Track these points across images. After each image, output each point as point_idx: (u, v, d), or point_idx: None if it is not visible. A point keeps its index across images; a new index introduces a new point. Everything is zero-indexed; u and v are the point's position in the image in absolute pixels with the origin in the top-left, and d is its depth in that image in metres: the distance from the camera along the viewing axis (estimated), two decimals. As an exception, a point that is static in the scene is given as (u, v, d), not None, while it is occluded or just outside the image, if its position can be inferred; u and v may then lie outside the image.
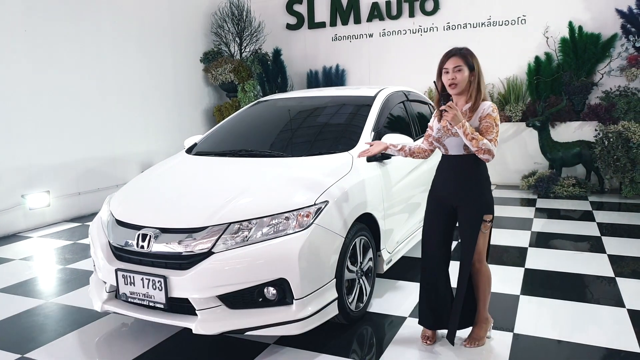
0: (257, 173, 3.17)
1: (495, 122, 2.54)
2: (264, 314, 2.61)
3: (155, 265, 2.71)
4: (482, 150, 2.48)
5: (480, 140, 2.46)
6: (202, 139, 4.08)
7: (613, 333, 2.92)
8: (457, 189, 2.65)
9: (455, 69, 2.55)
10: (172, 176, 3.41)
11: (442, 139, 2.66)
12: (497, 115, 2.56)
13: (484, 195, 2.64)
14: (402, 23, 8.41)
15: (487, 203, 2.64)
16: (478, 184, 2.63)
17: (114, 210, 3.07)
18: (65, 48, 6.27)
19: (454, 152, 2.64)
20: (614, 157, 6.33)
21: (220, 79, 8.51)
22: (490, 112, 2.55)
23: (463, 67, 2.54)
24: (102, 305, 2.88)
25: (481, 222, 2.62)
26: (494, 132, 2.52)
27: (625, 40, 6.89)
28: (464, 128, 2.47)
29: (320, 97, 4.32)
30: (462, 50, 2.59)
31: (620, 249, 4.45)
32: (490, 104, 2.57)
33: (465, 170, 2.62)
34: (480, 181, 2.64)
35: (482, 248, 2.70)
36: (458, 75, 2.54)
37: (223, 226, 2.64)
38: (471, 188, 2.62)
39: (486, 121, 2.54)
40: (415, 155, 2.89)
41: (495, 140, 2.52)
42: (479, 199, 2.62)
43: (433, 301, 2.80)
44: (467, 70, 2.55)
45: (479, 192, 2.63)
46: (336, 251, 2.82)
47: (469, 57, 2.57)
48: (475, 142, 2.47)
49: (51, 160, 6.12)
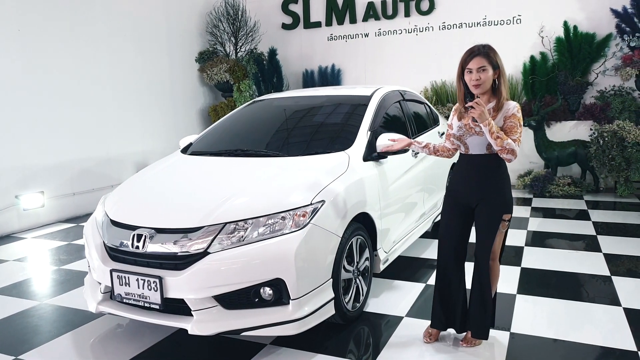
0: (253, 173, 3.16)
1: (520, 123, 2.52)
2: (260, 315, 2.60)
3: (151, 265, 2.69)
4: (505, 150, 2.45)
5: (505, 139, 2.43)
6: (197, 139, 4.06)
7: (609, 332, 2.92)
8: (478, 189, 2.61)
9: (480, 69, 2.50)
10: (168, 176, 3.39)
11: (464, 137, 2.62)
12: (521, 115, 2.54)
13: (505, 194, 2.61)
14: (397, 23, 8.40)
15: (507, 202, 2.62)
16: (499, 183, 2.60)
17: (108, 210, 3.04)
18: (59, 47, 6.22)
19: (475, 152, 2.61)
20: (609, 156, 6.35)
21: (215, 79, 8.48)
22: (515, 112, 2.52)
23: (487, 67, 2.50)
24: (97, 306, 2.86)
25: (500, 221, 2.60)
26: (518, 132, 2.50)
27: (620, 40, 6.91)
28: (490, 126, 2.43)
29: (316, 97, 4.30)
30: (485, 49, 2.53)
31: (615, 247, 4.46)
32: (515, 104, 2.54)
33: (488, 170, 2.59)
34: (502, 180, 2.61)
35: (497, 247, 2.68)
36: (482, 76, 2.50)
37: (219, 226, 2.63)
38: (493, 187, 2.60)
39: (511, 121, 2.51)
40: (439, 154, 2.84)
41: (519, 140, 2.49)
42: (500, 198, 2.60)
43: (446, 302, 2.78)
44: (492, 70, 2.51)
45: (500, 192, 2.60)
46: (333, 251, 2.81)
47: (493, 55, 2.53)
48: (500, 141, 2.43)
49: (45, 160, 6.08)
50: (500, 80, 2.54)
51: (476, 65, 2.50)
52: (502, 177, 2.61)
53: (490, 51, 2.53)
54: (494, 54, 2.54)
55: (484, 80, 2.51)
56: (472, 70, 2.52)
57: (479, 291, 2.68)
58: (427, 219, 4.50)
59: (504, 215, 2.61)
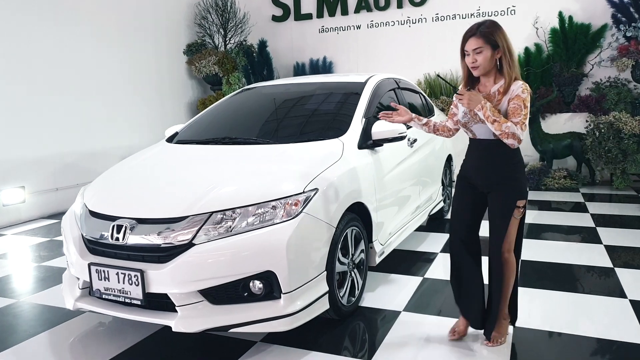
0: (242, 160, 2.98)
1: (525, 104, 2.29)
2: (249, 310, 2.42)
3: (132, 258, 2.51)
4: (505, 134, 2.26)
5: (504, 122, 2.25)
6: (183, 128, 3.88)
7: (617, 324, 2.79)
8: (490, 174, 2.44)
9: (476, 51, 2.31)
10: (151, 165, 3.21)
11: (469, 125, 2.45)
12: (527, 96, 2.30)
13: (518, 179, 2.42)
14: (390, 14, 8.26)
15: (520, 188, 2.43)
16: (512, 168, 2.42)
17: (87, 201, 2.86)
18: (40, 38, 5.99)
19: (483, 137, 2.44)
20: (605, 148, 6.26)
21: (204, 72, 8.28)
22: (519, 93, 2.29)
23: (484, 48, 2.30)
24: (75, 303, 2.67)
25: (514, 207, 2.41)
26: (522, 114, 2.27)
27: (615, 30, 6.81)
28: (484, 109, 2.27)
29: (308, 84, 4.14)
30: (481, 28, 2.31)
31: (615, 239, 4.34)
32: (521, 83, 2.31)
33: (498, 155, 2.40)
34: (515, 165, 2.43)
35: (512, 237, 2.47)
36: (479, 58, 2.31)
37: (205, 216, 2.45)
38: (504, 173, 2.42)
39: (514, 102, 2.29)
40: (438, 133, 2.68)
41: (522, 123, 2.26)
42: (513, 183, 2.41)
43: (462, 289, 2.62)
44: (490, 50, 2.30)
45: (513, 177, 2.42)
46: (327, 242, 2.65)
47: (491, 34, 2.30)
48: (498, 125, 2.26)
49: (26, 154, 5.85)
50: (504, 59, 2.32)
51: (471, 47, 2.32)
52: (514, 161, 2.43)
53: (488, 29, 2.30)
54: (494, 32, 2.30)
55: (481, 63, 2.32)
56: (468, 52, 2.34)
57: (496, 286, 2.51)
58: (423, 212, 4.36)
59: (518, 202, 2.41)
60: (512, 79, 2.33)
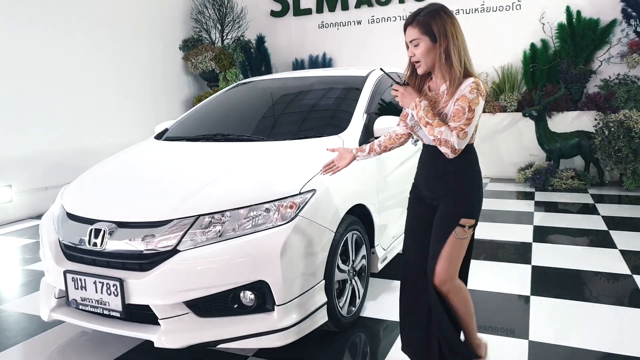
0: (233, 159, 2.76)
1: (470, 106, 1.87)
2: (239, 323, 2.20)
3: (111, 266, 2.29)
4: (438, 140, 1.91)
5: (437, 126, 1.90)
6: (174, 124, 3.65)
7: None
8: (435, 186, 2.08)
9: (413, 43, 1.97)
10: (136, 163, 2.98)
11: (416, 129, 2.11)
12: (475, 96, 1.87)
13: (469, 195, 2.03)
14: (391, 9, 8.03)
15: (469, 204, 2.03)
16: (462, 180, 2.03)
17: (65, 202, 2.63)
18: (30, 33, 5.76)
19: (431, 143, 2.05)
20: (615, 147, 6.02)
21: (200, 68, 8.06)
22: (466, 93, 1.88)
23: (421, 39, 1.94)
24: (50, 314, 2.46)
25: (455, 225, 2.00)
26: (463, 118, 1.87)
27: (625, 25, 6.57)
28: (418, 109, 1.95)
29: (306, 78, 3.92)
30: (419, 16, 1.94)
31: (631, 243, 4.11)
32: (471, 80, 1.90)
33: (447, 165, 2.00)
34: (467, 177, 2.04)
35: (451, 262, 2.02)
36: (416, 51, 1.96)
37: (191, 219, 2.23)
38: (452, 185, 2.03)
39: (457, 104, 1.90)
40: (389, 149, 2.26)
41: (460, 129, 1.87)
42: (460, 198, 2.03)
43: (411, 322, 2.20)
44: (429, 42, 1.93)
45: (462, 191, 2.03)
46: (325, 248, 2.42)
47: (429, 23, 1.91)
48: (431, 128, 1.91)
49: (13, 152, 5.62)
50: (451, 52, 1.91)
51: (408, 39, 1.98)
52: (466, 173, 2.04)
53: (426, 17, 1.92)
54: (431, 20, 1.91)
55: (420, 57, 1.96)
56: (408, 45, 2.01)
57: (435, 323, 2.09)
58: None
59: (463, 220, 2.00)
60: (459, 76, 1.92)
